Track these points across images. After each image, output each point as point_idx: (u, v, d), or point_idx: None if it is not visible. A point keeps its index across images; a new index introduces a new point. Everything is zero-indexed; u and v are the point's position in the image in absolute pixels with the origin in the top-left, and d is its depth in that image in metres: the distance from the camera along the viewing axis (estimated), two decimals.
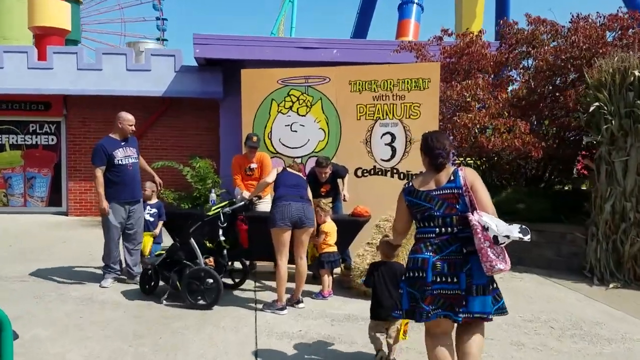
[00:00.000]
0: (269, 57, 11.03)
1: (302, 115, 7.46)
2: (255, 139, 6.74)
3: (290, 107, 7.48)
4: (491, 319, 3.06)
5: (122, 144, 6.11)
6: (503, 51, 9.08)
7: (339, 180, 6.79)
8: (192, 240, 5.50)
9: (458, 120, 7.91)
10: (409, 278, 3.13)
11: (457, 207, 3.04)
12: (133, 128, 6.22)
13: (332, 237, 5.90)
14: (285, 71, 7.56)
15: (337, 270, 6.26)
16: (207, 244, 5.66)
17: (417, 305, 3.06)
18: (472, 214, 2.99)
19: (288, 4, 31.78)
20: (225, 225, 5.57)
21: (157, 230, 6.66)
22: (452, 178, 3.11)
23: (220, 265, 5.77)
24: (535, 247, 7.42)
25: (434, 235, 3.07)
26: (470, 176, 3.13)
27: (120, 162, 6.02)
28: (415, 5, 28.58)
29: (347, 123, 7.32)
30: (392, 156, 7.22)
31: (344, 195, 6.67)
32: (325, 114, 7.41)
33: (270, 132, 7.56)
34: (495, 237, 2.88)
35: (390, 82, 7.15)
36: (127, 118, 6.16)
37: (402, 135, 7.16)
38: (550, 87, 8.48)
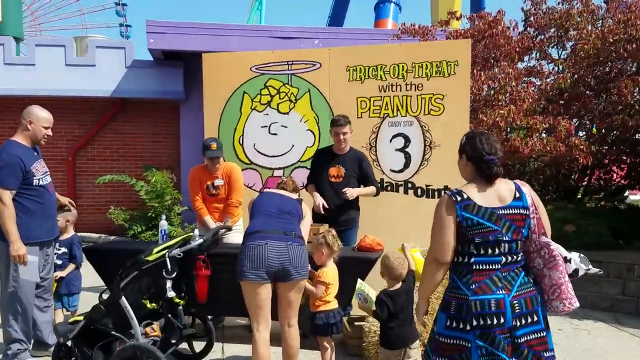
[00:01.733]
0: (236, 48, 9.05)
1: (285, 113, 5.60)
2: (214, 145, 4.83)
3: (269, 103, 5.61)
4: None
5: (35, 154, 4.07)
6: (528, 35, 7.40)
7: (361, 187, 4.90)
8: (124, 300, 3.57)
9: (484, 119, 6.16)
10: (479, 327, 2.41)
11: (523, 231, 2.51)
12: (49, 132, 4.11)
13: (334, 289, 4.00)
14: (261, 55, 5.70)
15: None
16: (148, 305, 3.74)
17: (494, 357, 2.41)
18: (551, 242, 2.52)
19: (256, 12, 30.37)
20: (174, 275, 3.66)
21: (62, 273, 4.53)
22: (517, 195, 2.53)
23: (172, 330, 3.85)
24: (593, 283, 5.69)
25: (499, 265, 2.46)
26: (534, 194, 2.60)
27: (40, 182, 3.96)
28: (392, 4, 27.08)
29: None
30: (406, 166, 5.41)
31: (346, 192, 4.66)
32: (315, 110, 5.56)
33: (242, 135, 5.67)
34: (576, 271, 2.53)
35: (403, 67, 5.34)
36: (43, 117, 4.04)
37: (420, 138, 5.35)
38: (592, 78, 6.81)
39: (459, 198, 2.48)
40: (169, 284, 3.64)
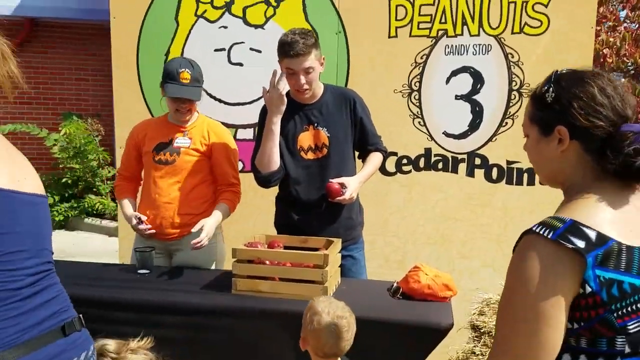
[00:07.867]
0: None
1: (258, 26, 3.13)
2: (187, 75, 2.37)
3: (227, 6, 3.13)
4: None
5: None
6: None
7: (360, 162, 2.52)
8: None
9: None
10: None
11: None
12: None
13: None
14: None
15: None
16: None
17: None
18: None
19: None
20: None
21: None
22: None
23: None
24: None
25: None
26: None
27: None
28: None
29: (366, 44, 3.06)
30: (474, 127, 3.06)
31: (344, 195, 2.23)
32: (312, 22, 3.11)
33: None
34: None
35: None
36: None
37: (502, 76, 2.99)
38: None
39: (581, 243, 0.94)
40: None
